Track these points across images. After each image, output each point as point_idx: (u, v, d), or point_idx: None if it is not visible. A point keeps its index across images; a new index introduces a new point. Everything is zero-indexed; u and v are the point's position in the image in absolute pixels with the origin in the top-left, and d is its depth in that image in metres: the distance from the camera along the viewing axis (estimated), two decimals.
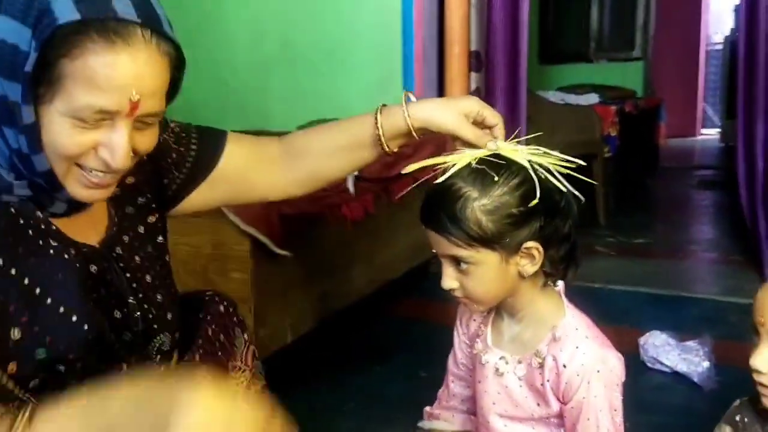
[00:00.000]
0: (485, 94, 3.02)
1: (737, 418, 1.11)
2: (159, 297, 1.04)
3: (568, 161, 1.06)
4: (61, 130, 0.83)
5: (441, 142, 2.60)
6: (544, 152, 1.06)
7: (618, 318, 2.37)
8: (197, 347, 1.12)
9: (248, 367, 1.20)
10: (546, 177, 1.04)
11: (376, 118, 1.12)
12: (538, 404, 1.12)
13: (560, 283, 1.16)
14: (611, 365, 1.08)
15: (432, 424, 1.28)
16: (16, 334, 0.83)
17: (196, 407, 0.72)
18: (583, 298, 1.20)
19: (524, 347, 1.13)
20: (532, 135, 1.26)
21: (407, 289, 2.58)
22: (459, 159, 1.05)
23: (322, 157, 1.17)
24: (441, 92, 3.09)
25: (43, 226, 0.90)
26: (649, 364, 2.02)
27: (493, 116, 1.11)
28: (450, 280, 1.08)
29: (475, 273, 1.05)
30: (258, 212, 1.74)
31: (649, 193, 5.26)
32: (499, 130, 1.11)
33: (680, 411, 1.75)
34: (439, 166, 1.07)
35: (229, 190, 1.17)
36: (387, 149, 1.14)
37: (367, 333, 2.31)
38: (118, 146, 0.85)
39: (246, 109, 3.31)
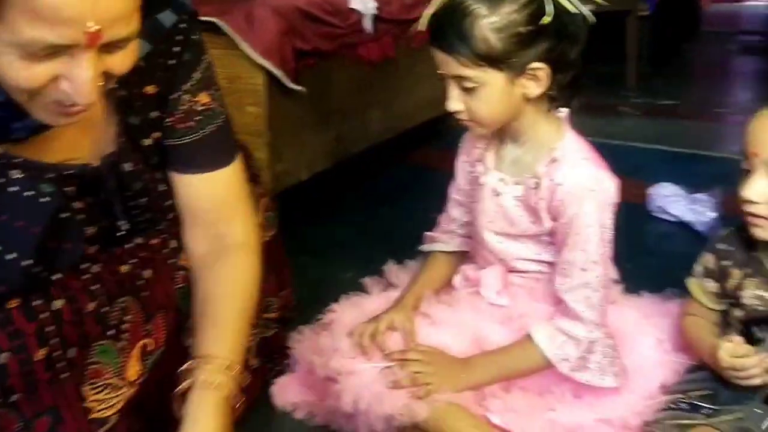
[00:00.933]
0: None
1: (719, 246, 1.13)
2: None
3: None
4: (9, 63, 0.70)
5: None
6: None
7: (631, 172, 2.35)
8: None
9: (259, 221, 1.16)
10: None
11: None
12: (532, 222, 1.16)
13: (564, 110, 1.17)
14: (605, 186, 1.11)
15: (432, 246, 1.33)
16: None
17: None
18: (600, 153, 1.21)
19: (523, 169, 1.16)
20: None
21: (426, 138, 2.59)
22: None
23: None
24: None
25: (1, 160, 0.81)
26: (655, 214, 2.04)
27: None
28: (455, 102, 1.09)
29: (481, 94, 1.06)
30: (272, 45, 1.73)
31: (685, 56, 5.06)
32: None
33: (682, 257, 1.77)
34: None
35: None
36: None
37: (381, 178, 2.36)
38: (80, 81, 0.72)
39: None
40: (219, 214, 1.01)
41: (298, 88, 1.80)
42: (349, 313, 1.25)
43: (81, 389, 0.88)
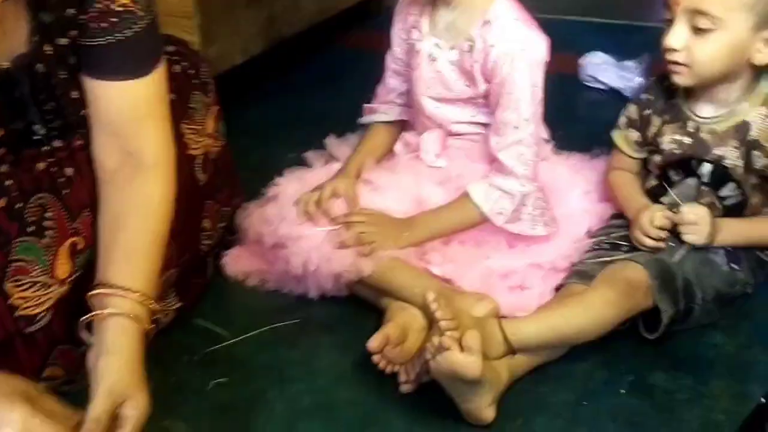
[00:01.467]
0: None
1: (643, 96, 1.19)
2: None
3: None
4: None
5: None
6: None
7: (564, 44, 2.40)
8: None
9: (207, 133, 1.16)
10: None
11: None
12: (467, 85, 1.20)
13: None
14: (536, 45, 1.15)
15: (371, 117, 1.36)
16: None
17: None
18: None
19: (458, 33, 1.18)
20: None
21: (359, 19, 2.55)
22: None
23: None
24: None
25: None
26: (587, 83, 2.10)
27: None
28: None
29: None
30: None
31: None
32: None
33: (610, 122, 1.86)
34: None
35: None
36: None
37: (317, 60, 2.33)
38: None
39: None
40: (132, 127, 0.94)
41: None
42: (293, 185, 1.29)
43: (4, 286, 0.86)
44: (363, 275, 1.12)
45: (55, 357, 0.93)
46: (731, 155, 1.09)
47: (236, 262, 1.28)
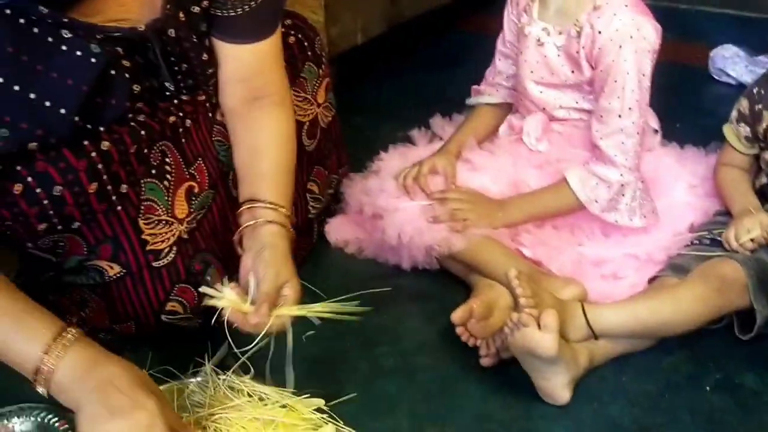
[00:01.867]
0: None
1: (755, 90, 1.15)
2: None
3: None
4: None
5: None
6: None
7: (695, 37, 2.31)
8: None
9: (317, 102, 1.26)
10: None
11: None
12: (572, 71, 1.20)
13: None
14: (645, 32, 1.12)
15: (477, 99, 1.39)
16: None
17: None
18: (666, 18, 1.20)
19: (567, 18, 1.19)
20: None
21: (479, 3, 2.56)
22: None
23: (239, 159, 1.08)
24: None
25: (49, 20, 0.83)
26: (715, 76, 2.02)
27: None
28: None
29: None
30: None
31: None
32: None
33: None
34: None
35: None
36: None
37: (435, 42, 2.37)
38: None
39: None
40: (260, 77, 1.07)
41: None
42: (395, 160, 1.34)
43: (138, 222, 0.99)
44: (454, 250, 1.16)
45: (176, 293, 1.04)
46: None
47: (338, 230, 1.35)
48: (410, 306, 1.21)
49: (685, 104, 1.84)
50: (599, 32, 1.13)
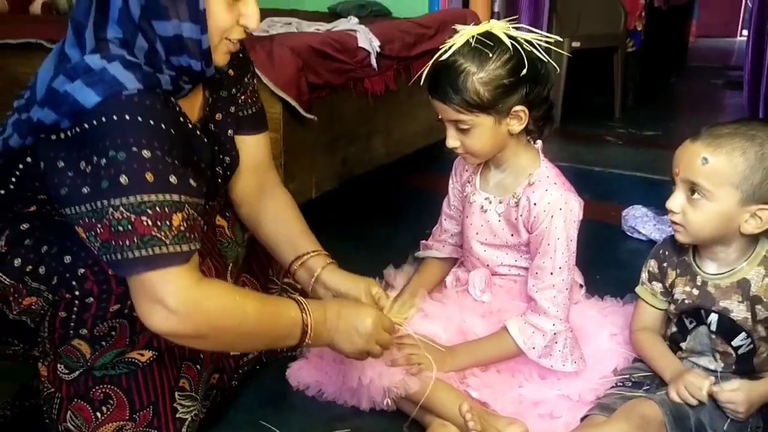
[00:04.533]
0: None
1: (660, 251, 1.34)
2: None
3: (548, 37, 1.27)
4: (219, 10, 1.05)
5: (461, 22, 2.79)
6: (528, 29, 1.26)
7: (609, 196, 2.62)
8: None
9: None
10: (531, 50, 1.24)
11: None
12: (512, 234, 1.39)
13: (539, 142, 1.40)
14: (571, 206, 1.33)
15: (426, 252, 1.57)
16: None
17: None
18: (583, 179, 1.42)
19: (505, 190, 1.39)
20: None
21: (422, 163, 2.83)
22: (458, 38, 1.25)
23: (267, 230, 1.43)
24: None
25: (178, 108, 1.11)
26: (627, 233, 2.28)
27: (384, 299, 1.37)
28: (453, 140, 1.31)
29: (474, 133, 1.28)
30: (289, 80, 1.97)
31: (671, 90, 5.32)
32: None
33: None
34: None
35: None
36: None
37: (382, 197, 2.59)
38: (254, 13, 1.10)
39: None
40: (263, 164, 1.42)
41: (311, 116, 2.03)
42: None
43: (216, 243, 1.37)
44: (410, 392, 1.28)
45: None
46: (736, 308, 1.22)
47: (299, 374, 1.45)
48: None
49: (603, 258, 2.05)
50: (534, 204, 1.32)
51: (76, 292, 1.09)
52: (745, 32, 7.92)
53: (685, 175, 1.18)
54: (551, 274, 1.32)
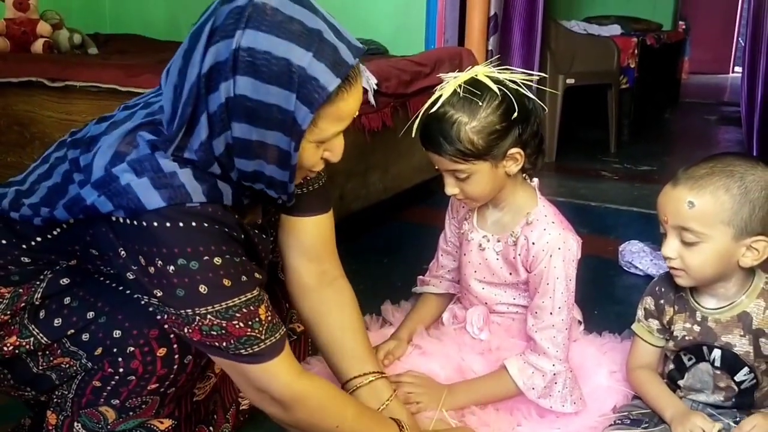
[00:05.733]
0: (502, 19, 3.18)
1: (656, 289, 1.34)
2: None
3: (532, 74, 1.28)
4: (310, 155, 1.03)
5: (458, 61, 2.83)
6: (512, 70, 1.27)
7: (606, 231, 2.63)
8: None
9: None
10: (517, 89, 1.25)
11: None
12: (510, 273, 1.39)
13: (536, 180, 1.40)
14: (569, 245, 1.33)
15: (423, 288, 1.57)
16: None
17: None
18: (579, 214, 1.42)
19: (503, 229, 1.39)
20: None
21: (419, 198, 2.84)
22: (445, 89, 1.25)
23: (332, 336, 1.31)
24: (463, 15, 3.26)
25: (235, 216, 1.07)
26: (625, 268, 2.28)
27: None
28: (451, 188, 1.32)
29: (472, 180, 1.28)
30: None
31: (665, 125, 5.38)
32: None
33: None
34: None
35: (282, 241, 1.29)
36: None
37: (380, 232, 2.59)
38: (340, 148, 1.08)
39: None
40: (323, 249, 1.30)
41: None
42: None
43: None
44: None
45: None
46: (738, 342, 1.22)
47: None
48: None
49: (600, 293, 2.05)
50: (533, 243, 1.32)
51: (120, 369, 1.05)
52: (738, 69, 8.10)
53: (675, 221, 1.19)
54: (551, 313, 1.32)
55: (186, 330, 0.99)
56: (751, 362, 1.22)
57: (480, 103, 1.23)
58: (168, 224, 0.95)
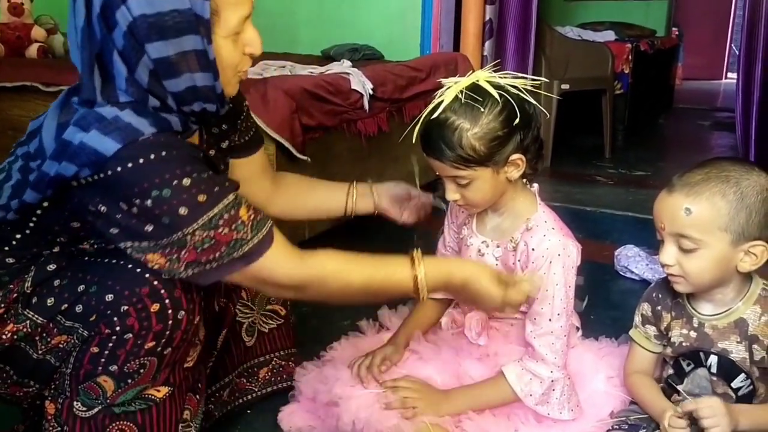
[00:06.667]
0: (497, 25, 3.19)
1: (653, 295, 1.34)
2: None
3: (534, 80, 1.28)
4: (230, 52, 1.07)
5: (453, 66, 2.83)
6: (513, 75, 1.26)
7: (601, 236, 2.64)
8: None
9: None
10: (518, 94, 1.24)
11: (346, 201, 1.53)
12: None
13: (536, 185, 1.39)
14: (569, 251, 1.32)
15: None
16: None
17: None
18: (575, 219, 1.40)
19: (502, 234, 1.38)
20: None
21: None
22: (446, 94, 1.23)
23: (296, 207, 1.51)
24: (458, 20, 3.27)
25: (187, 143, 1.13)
26: (621, 273, 2.28)
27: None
28: (453, 194, 1.31)
29: (473, 186, 1.27)
30: (283, 122, 1.99)
31: (659, 131, 5.39)
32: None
33: None
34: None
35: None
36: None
37: (375, 237, 2.58)
38: (256, 38, 1.11)
39: (274, 32, 3.52)
40: (267, 169, 1.47)
41: (304, 157, 2.05)
42: (348, 350, 1.47)
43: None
44: None
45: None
46: (735, 349, 1.21)
47: (291, 417, 1.43)
48: None
49: (596, 298, 2.05)
50: (532, 249, 1.31)
51: (117, 328, 1.07)
52: (731, 75, 8.15)
53: (672, 229, 1.18)
54: (549, 320, 1.31)
55: (182, 253, 1.02)
56: (748, 369, 1.21)
57: (482, 109, 1.21)
58: (130, 165, 0.98)
